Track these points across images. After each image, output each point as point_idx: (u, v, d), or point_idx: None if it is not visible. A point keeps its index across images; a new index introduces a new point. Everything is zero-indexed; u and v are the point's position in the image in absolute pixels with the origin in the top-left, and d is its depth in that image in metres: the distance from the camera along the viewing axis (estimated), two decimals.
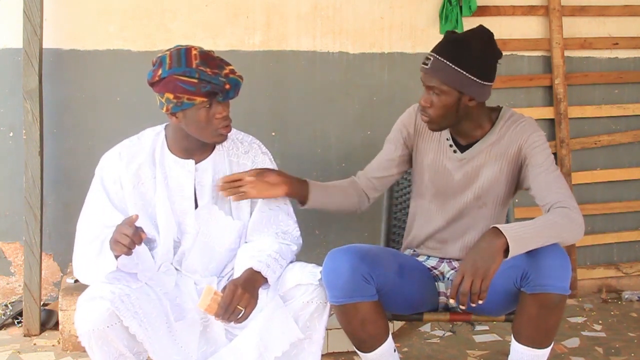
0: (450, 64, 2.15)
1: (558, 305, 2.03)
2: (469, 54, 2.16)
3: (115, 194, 2.21)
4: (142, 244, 2.07)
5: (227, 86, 2.11)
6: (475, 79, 2.16)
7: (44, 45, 3.07)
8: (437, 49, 2.20)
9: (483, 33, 2.22)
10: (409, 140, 2.42)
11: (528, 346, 2.12)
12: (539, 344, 2.11)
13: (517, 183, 2.34)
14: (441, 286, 2.36)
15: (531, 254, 2.03)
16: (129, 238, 1.96)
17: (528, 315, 2.07)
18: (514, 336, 2.15)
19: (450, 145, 2.34)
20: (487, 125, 2.31)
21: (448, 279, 2.37)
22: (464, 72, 2.15)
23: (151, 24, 3.24)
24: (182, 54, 2.10)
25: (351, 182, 2.48)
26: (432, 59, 2.18)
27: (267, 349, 2.11)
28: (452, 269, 2.39)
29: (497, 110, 2.34)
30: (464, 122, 2.27)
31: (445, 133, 2.36)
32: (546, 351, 2.13)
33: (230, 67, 2.15)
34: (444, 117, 2.21)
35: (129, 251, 1.98)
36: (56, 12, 3.15)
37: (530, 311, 2.05)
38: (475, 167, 2.32)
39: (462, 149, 2.33)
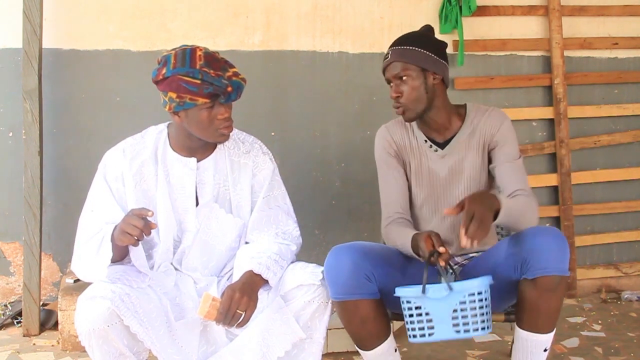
0: (408, 47, 2.29)
1: (558, 287, 2.07)
2: (420, 37, 2.34)
3: (116, 191, 2.22)
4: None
5: (230, 89, 2.11)
6: (431, 54, 2.29)
7: (44, 45, 3.07)
8: (393, 43, 2.34)
9: (427, 29, 2.42)
10: (398, 154, 2.43)
11: (531, 331, 2.15)
12: (541, 329, 2.14)
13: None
14: None
15: (528, 240, 2.08)
16: (139, 229, 1.97)
17: (530, 300, 2.10)
18: (516, 323, 2.19)
19: (430, 146, 2.38)
20: (457, 120, 2.39)
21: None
22: (421, 50, 2.28)
23: (151, 24, 3.24)
24: (187, 54, 2.10)
25: (406, 224, 2.40)
26: (390, 52, 2.32)
27: (270, 349, 2.11)
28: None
29: (463, 106, 2.43)
30: (435, 112, 2.33)
31: (421, 135, 2.39)
32: (549, 336, 2.16)
33: (234, 70, 2.15)
34: (416, 100, 2.29)
35: (136, 242, 1.99)
36: (56, 12, 3.15)
37: (531, 296, 2.09)
38: (458, 161, 2.37)
39: (441, 146, 2.38)
